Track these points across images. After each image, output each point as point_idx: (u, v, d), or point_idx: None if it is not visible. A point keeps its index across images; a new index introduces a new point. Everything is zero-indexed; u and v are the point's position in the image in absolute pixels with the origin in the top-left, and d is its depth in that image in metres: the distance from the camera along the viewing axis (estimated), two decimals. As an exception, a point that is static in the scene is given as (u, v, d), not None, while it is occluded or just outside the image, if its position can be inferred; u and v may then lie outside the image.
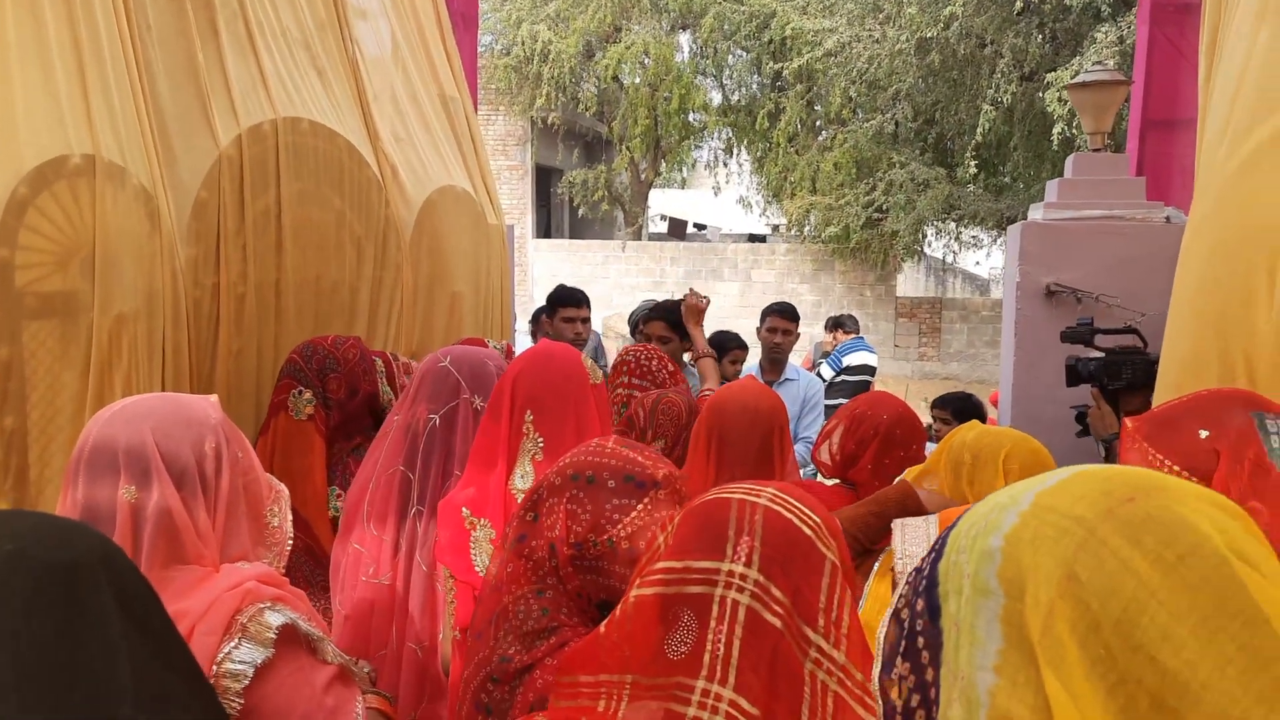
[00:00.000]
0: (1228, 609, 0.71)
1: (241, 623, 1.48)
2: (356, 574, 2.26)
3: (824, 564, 1.18)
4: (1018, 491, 0.85)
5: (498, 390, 2.23)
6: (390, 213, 3.66)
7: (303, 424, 2.63)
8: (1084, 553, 0.76)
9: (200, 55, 2.97)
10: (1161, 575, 0.73)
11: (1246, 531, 0.78)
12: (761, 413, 2.42)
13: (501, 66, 19.95)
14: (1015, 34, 13.72)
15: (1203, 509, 0.77)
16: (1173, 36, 4.48)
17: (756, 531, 1.18)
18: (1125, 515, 0.77)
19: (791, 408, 4.98)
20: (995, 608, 0.81)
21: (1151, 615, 0.72)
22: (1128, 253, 3.91)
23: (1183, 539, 0.74)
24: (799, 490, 1.27)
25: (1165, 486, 0.80)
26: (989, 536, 0.83)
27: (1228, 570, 0.72)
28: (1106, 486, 0.80)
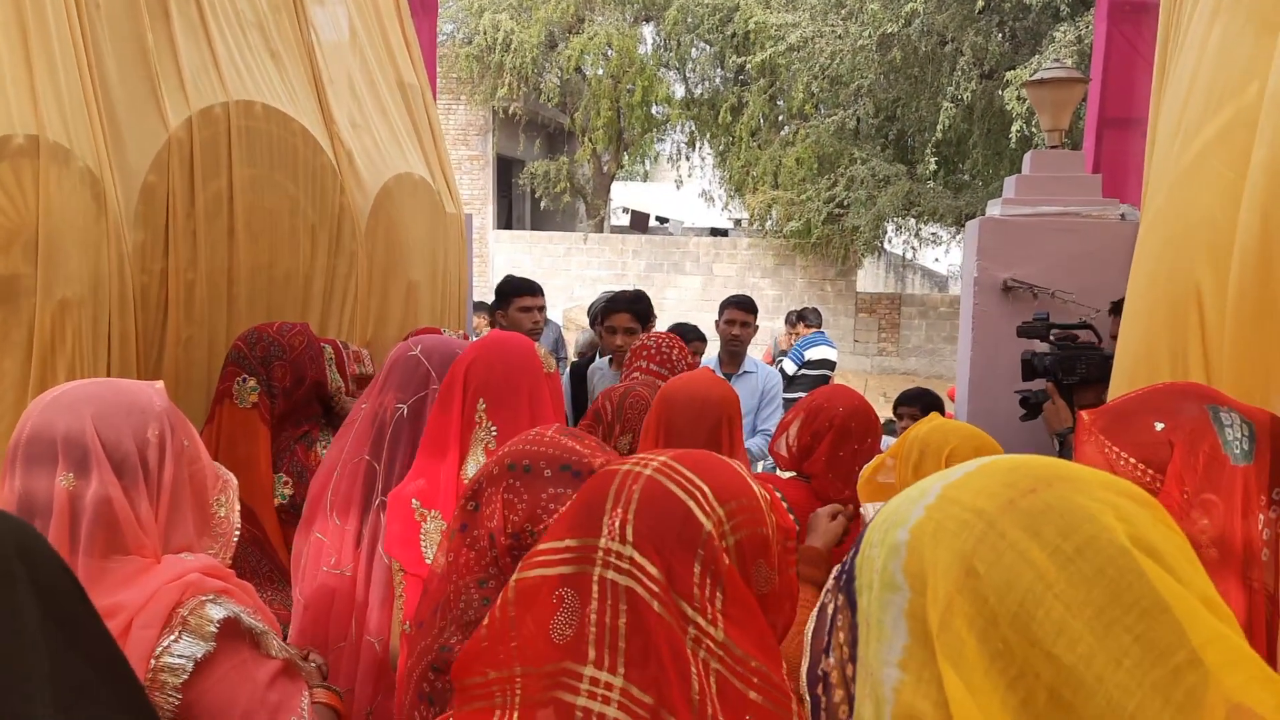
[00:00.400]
0: (1124, 600, 0.70)
1: (182, 616, 1.44)
2: (318, 563, 2.23)
3: (699, 535, 1.13)
4: (928, 484, 0.84)
5: (449, 379, 2.20)
6: (345, 200, 3.61)
7: (247, 412, 2.59)
8: (983, 546, 0.76)
9: (150, 35, 2.90)
10: (1059, 567, 0.72)
11: (1155, 520, 0.77)
12: (711, 402, 2.38)
13: (463, 55, 19.80)
14: (975, 32, 13.81)
15: (1108, 498, 0.77)
16: (1130, 35, 4.52)
17: (631, 504, 1.15)
18: (1025, 506, 0.76)
19: (750, 400, 5.00)
20: (901, 602, 0.80)
21: (1048, 608, 0.72)
22: (1083, 249, 3.95)
23: (1081, 530, 0.74)
24: (707, 456, 1.23)
25: (1069, 476, 0.79)
26: (897, 529, 0.83)
27: (1126, 561, 0.72)
28: (1010, 478, 0.79)
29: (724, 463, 1.23)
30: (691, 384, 2.46)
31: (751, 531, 1.17)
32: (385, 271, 3.88)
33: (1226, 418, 1.60)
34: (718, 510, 1.15)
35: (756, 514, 1.18)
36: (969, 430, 2.30)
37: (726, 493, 1.17)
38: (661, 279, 20.20)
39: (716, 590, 1.13)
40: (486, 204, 21.50)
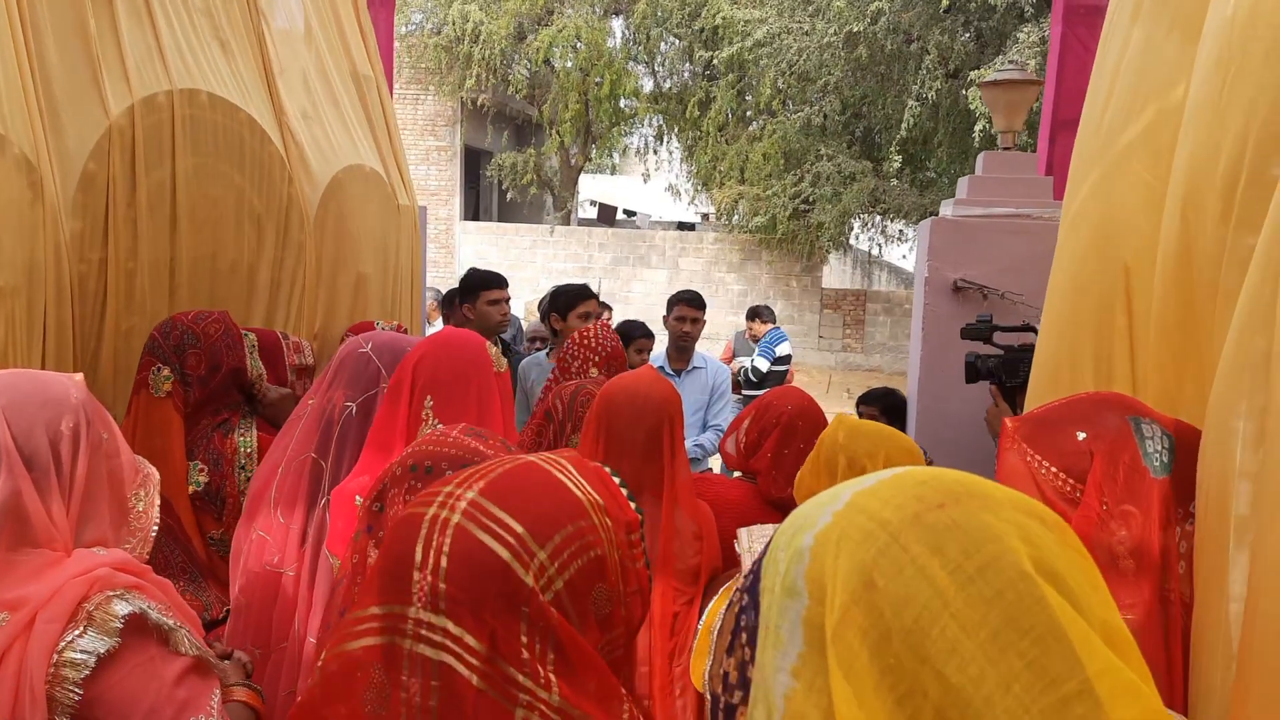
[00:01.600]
0: (1020, 625, 0.69)
1: (88, 611, 1.42)
2: (259, 560, 2.20)
3: (521, 592, 1.03)
4: (840, 490, 0.83)
5: (398, 376, 2.18)
6: (294, 191, 3.57)
7: (162, 401, 2.56)
8: (884, 559, 0.74)
9: (92, 20, 2.86)
10: (958, 586, 0.71)
11: (1062, 544, 0.76)
12: (651, 402, 2.32)
13: (432, 46, 19.70)
14: (941, 31, 13.89)
15: (1016, 519, 0.75)
16: (1084, 38, 4.54)
17: (441, 565, 1.03)
18: (931, 522, 0.75)
19: (700, 396, 5.01)
20: (799, 609, 0.79)
21: (943, 627, 0.70)
22: (1033, 251, 3.96)
23: (985, 550, 0.72)
24: (520, 480, 1.11)
25: (980, 494, 0.77)
26: (803, 534, 0.81)
27: (1026, 586, 0.71)
28: (920, 491, 0.78)
29: (540, 482, 1.11)
30: (633, 384, 2.41)
31: (582, 562, 1.08)
32: (334, 263, 3.85)
33: (1148, 429, 1.61)
34: (539, 556, 1.05)
35: (586, 536, 1.09)
36: (888, 432, 2.27)
37: (547, 527, 1.07)
38: (627, 272, 20.20)
39: (548, 649, 1.04)
40: (454, 195, 21.41)
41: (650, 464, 2.29)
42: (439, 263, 20.61)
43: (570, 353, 3.37)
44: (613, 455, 2.30)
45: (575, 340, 3.39)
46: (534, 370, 4.63)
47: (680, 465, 2.38)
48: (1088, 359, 2.09)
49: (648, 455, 2.29)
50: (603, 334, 3.39)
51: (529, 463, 1.14)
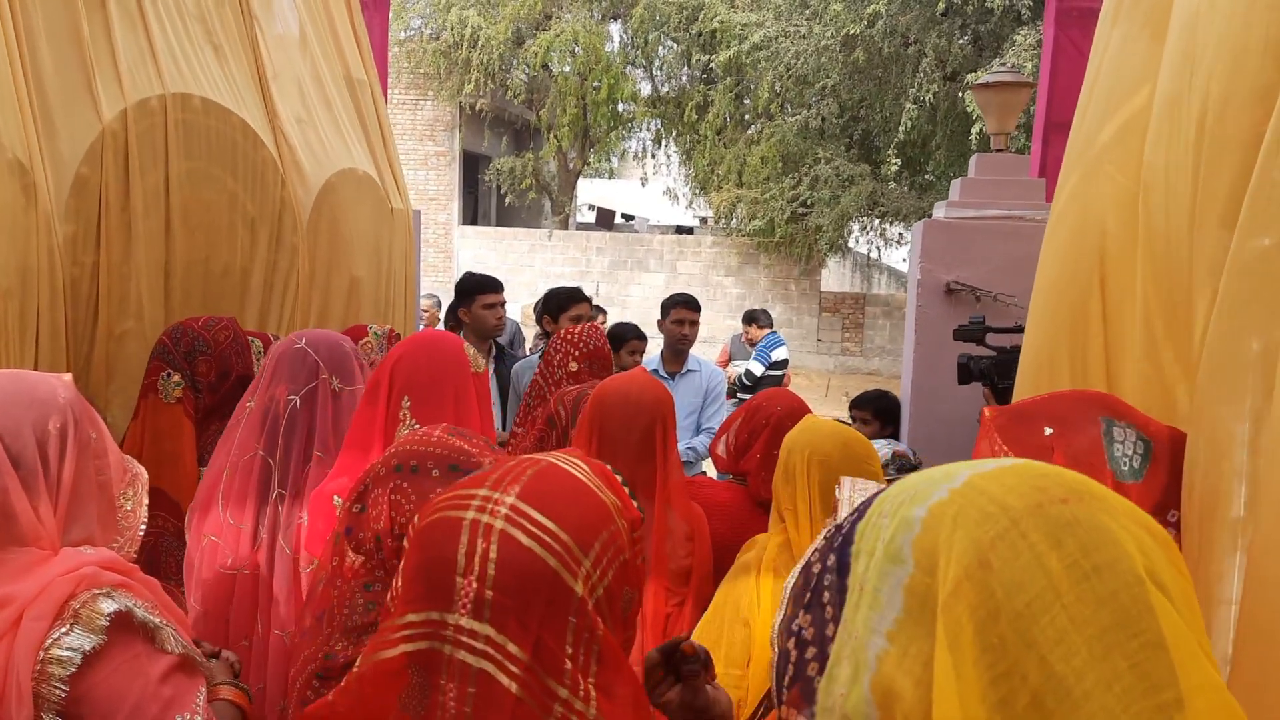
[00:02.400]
0: (1130, 628, 0.71)
1: (74, 609, 1.42)
2: (212, 565, 2.20)
3: (570, 601, 1.01)
4: (954, 469, 0.84)
5: (376, 376, 2.19)
6: (287, 194, 3.59)
7: (171, 407, 2.57)
8: (1002, 542, 0.75)
9: (85, 25, 2.88)
10: (1073, 581, 0.73)
11: (1169, 560, 0.77)
12: (644, 404, 2.33)
13: (430, 51, 19.72)
14: (938, 34, 13.90)
15: (1131, 527, 0.77)
16: (1076, 40, 4.56)
17: (488, 571, 1.00)
18: (1053, 514, 0.76)
19: (694, 399, 5.01)
20: (902, 575, 0.80)
21: (1053, 616, 0.72)
22: (1025, 252, 3.96)
23: (1103, 550, 0.74)
24: (556, 486, 1.09)
25: (1100, 496, 0.79)
26: (914, 506, 0.82)
27: (1139, 591, 0.72)
28: (1042, 483, 0.79)
29: (571, 487, 1.10)
30: (626, 385, 2.42)
31: (616, 567, 1.08)
32: (327, 266, 3.86)
33: (1120, 433, 1.62)
34: (585, 563, 1.04)
35: (618, 542, 1.09)
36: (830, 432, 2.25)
37: (588, 534, 1.06)
38: (625, 276, 20.21)
39: (591, 660, 1.03)
40: (452, 200, 21.43)
41: (643, 465, 2.30)
42: (437, 267, 20.62)
43: (554, 347, 3.38)
44: (605, 456, 2.29)
45: (560, 336, 3.40)
46: (527, 373, 4.63)
47: (673, 466, 2.39)
48: (1064, 359, 2.11)
49: (640, 456, 2.31)
50: (587, 332, 3.41)
51: (552, 464, 1.12)
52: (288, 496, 2.19)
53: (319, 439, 2.23)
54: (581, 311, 4.57)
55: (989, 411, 1.71)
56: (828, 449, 2.11)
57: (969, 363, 3.42)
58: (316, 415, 2.24)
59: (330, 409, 2.26)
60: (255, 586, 2.19)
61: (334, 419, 2.27)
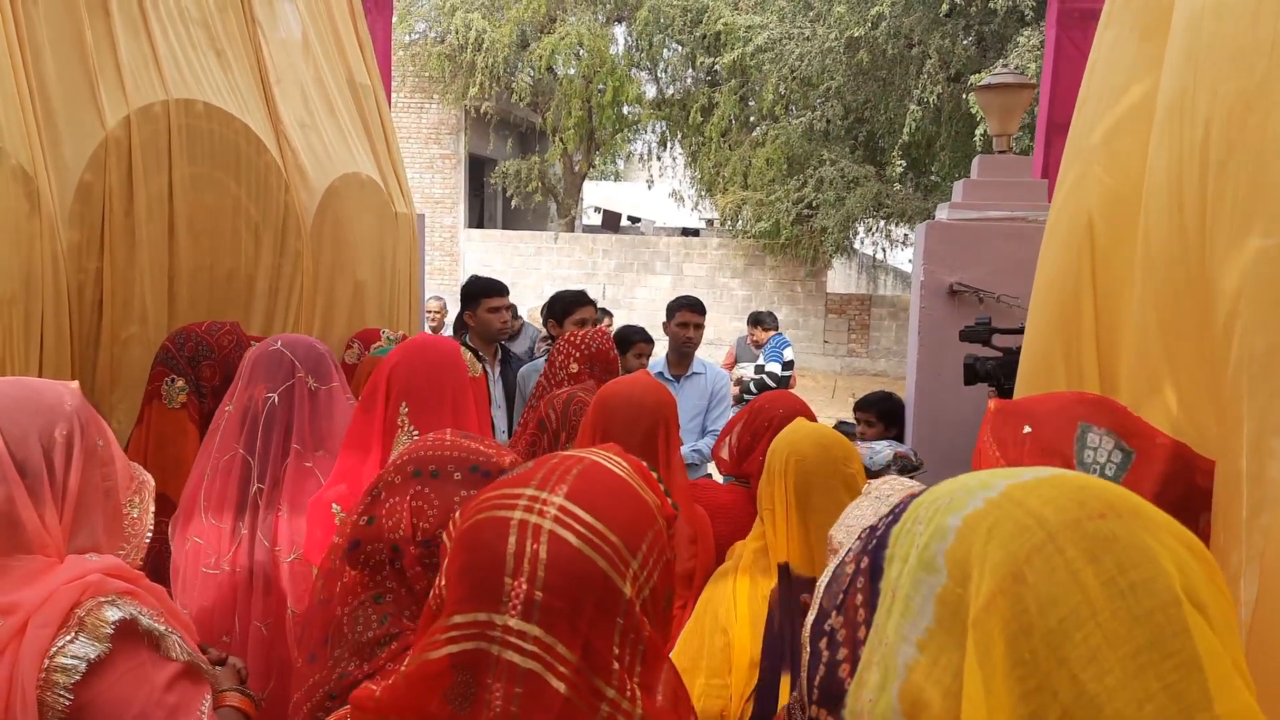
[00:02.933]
0: (1165, 648, 0.70)
1: (79, 616, 1.43)
2: (196, 568, 2.23)
3: (619, 603, 1.02)
4: (991, 477, 0.83)
5: (373, 382, 2.21)
6: (290, 199, 3.60)
7: (176, 412, 2.59)
8: (1038, 555, 0.75)
9: (88, 32, 2.89)
10: (1109, 598, 0.72)
11: (1209, 577, 0.77)
12: (646, 407, 2.35)
13: (435, 54, 19.75)
14: (942, 35, 13.89)
15: (1170, 544, 0.76)
16: (1077, 41, 4.55)
17: (538, 572, 1.00)
18: (1090, 530, 0.75)
19: (699, 401, 5.01)
20: (935, 585, 0.79)
21: (1086, 634, 0.71)
22: (1028, 253, 3.94)
23: (1141, 569, 0.73)
24: (602, 486, 1.09)
25: (1139, 512, 0.78)
26: (949, 514, 0.81)
27: (1176, 612, 0.71)
28: (1081, 496, 0.78)
29: (617, 487, 1.10)
30: (629, 388, 2.43)
31: (662, 566, 1.08)
32: (332, 271, 3.87)
33: (1095, 439, 1.62)
34: (633, 565, 1.04)
35: (661, 542, 1.09)
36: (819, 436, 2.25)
37: (635, 534, 1.06)
38: (632, 278, 20.21)
39: (636, 661, 1.03)
40: (458, 203, 21.46)
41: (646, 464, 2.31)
42: (444, 270, 20.65)
43: (558, 349, 3.39)
44: None
45: (564, 339, 3.41)
46: (533, 376, 4.64)
47: (676, 468, 2.40)
48: (1059, 358, 2.11)
49: (644, 456, 2.30)
50: (591, 335, 3.41)
51: (597, 464, 1.12)
52: (266, 489, 2.23)
53: (297, 433, 2.27)
54: (586, 315, 4.58)
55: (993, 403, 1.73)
56: (805, 449, 2.12)
57: (975, 363, 3.42)
58: (294, 411, 2.28)
59: (307, 406, 2.30)
60: (234, 583, 2.22)
61: (311, 416, 2.32)
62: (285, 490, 2.24)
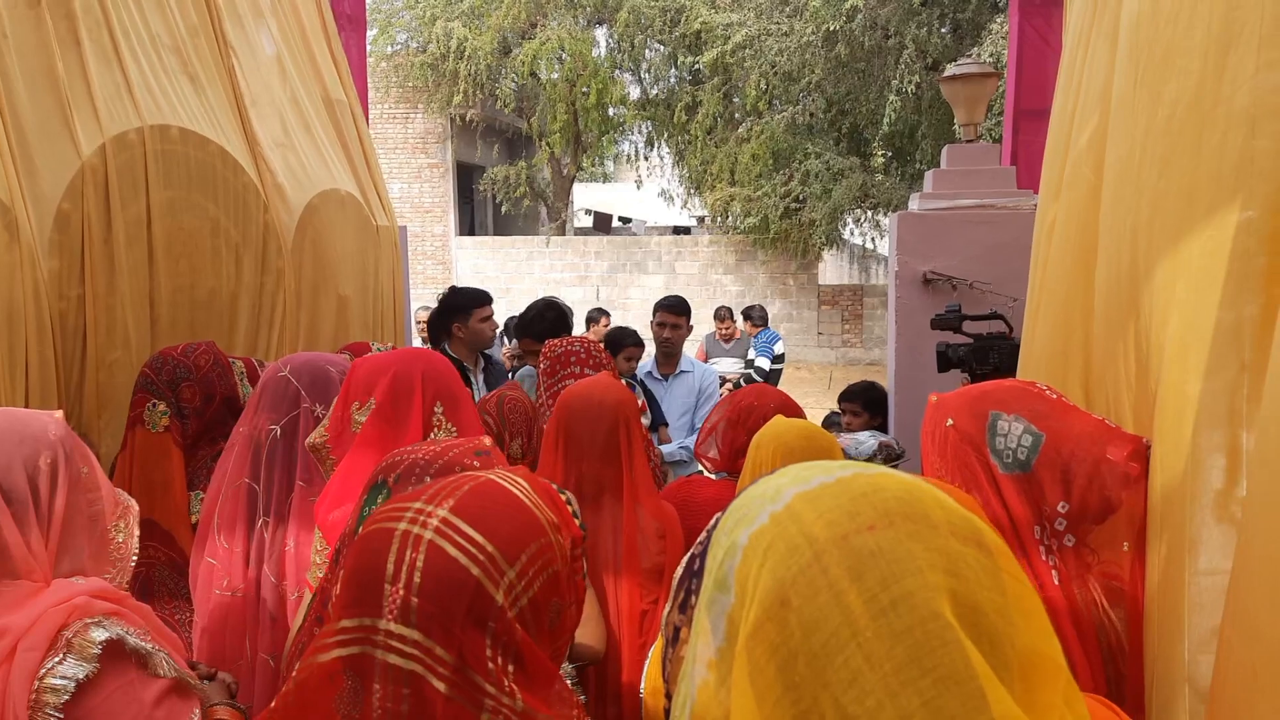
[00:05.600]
0: (923, 664, 0.69)
1: (67, 638, 1.47)
2: (210, 587, 2.27)
3: (490, 609, 1.07)
4: (784, 485, 0.82)
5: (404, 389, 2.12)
6: (270, 218, 3.65)
7: (159, 436, 2.62)
8: (803, 579, 0.74)
9: (60, 64, 2.94)
10: (870, 617, 0.71)
11: (994, 571, 0.76)
12: (606, 406, 2.41)
13: (418, 64, 19.77)
14: (918, 25, 13.96)
15: (948, 546, 0.75)
16: (1040, 29, 4.60)
17: (414, 579, 1.07)
18: (857, 545, 0.74)
19: (687, 399, 5.06)
20: (726, 604, 0.79)
21: (847, 656, 0.71)
22: (998, 240, 4.03)
23: (902, 583, 0.72)
24: (489, 499, 1.15)
25: (916, 515, 0.77)
26: (741, 529, 0.81)
27: (935, 626, 0.70)
28: (855, 507, 0.77)
29: (505, 501, 1.16)
30: (589, 390, 2.50)
31: (544, 579, 1.13)
32: (314, 287, 3.92)
33: (1004, 426, 1.69)
34: (508, 574, 1.10)
35: (548, 554, 1.14)
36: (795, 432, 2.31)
37: (515, 546, 1.12)
38: (625, 279, 20.26)
39: (509, 662, 1.08)
40: (448, 211, 21.48)
41: (609, 465, 2.38)
42: (436, 279, 20.67)
43: (557, 361, 3.42)
44: (573, 458, 2.39)
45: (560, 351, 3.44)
46: (526, 381, 4.68)
47: (639, 465, 2.45)
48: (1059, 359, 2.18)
49: (606, 456, 2.38)
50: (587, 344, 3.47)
51: (490, 480, 1.18)
52: (272, 524, 2.25)
53: (301, 467, 2.28)
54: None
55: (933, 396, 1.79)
56: (791, 442, 2.19)
57: (947, 350, 3.46)
58: (298, 444, 2.29)
59: None
60: (245, 609, 2.26)
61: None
62: (291, 526, 2.27)
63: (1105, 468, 1.63)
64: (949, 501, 0.79)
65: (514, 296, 17.94)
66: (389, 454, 1.64)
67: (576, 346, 3.48)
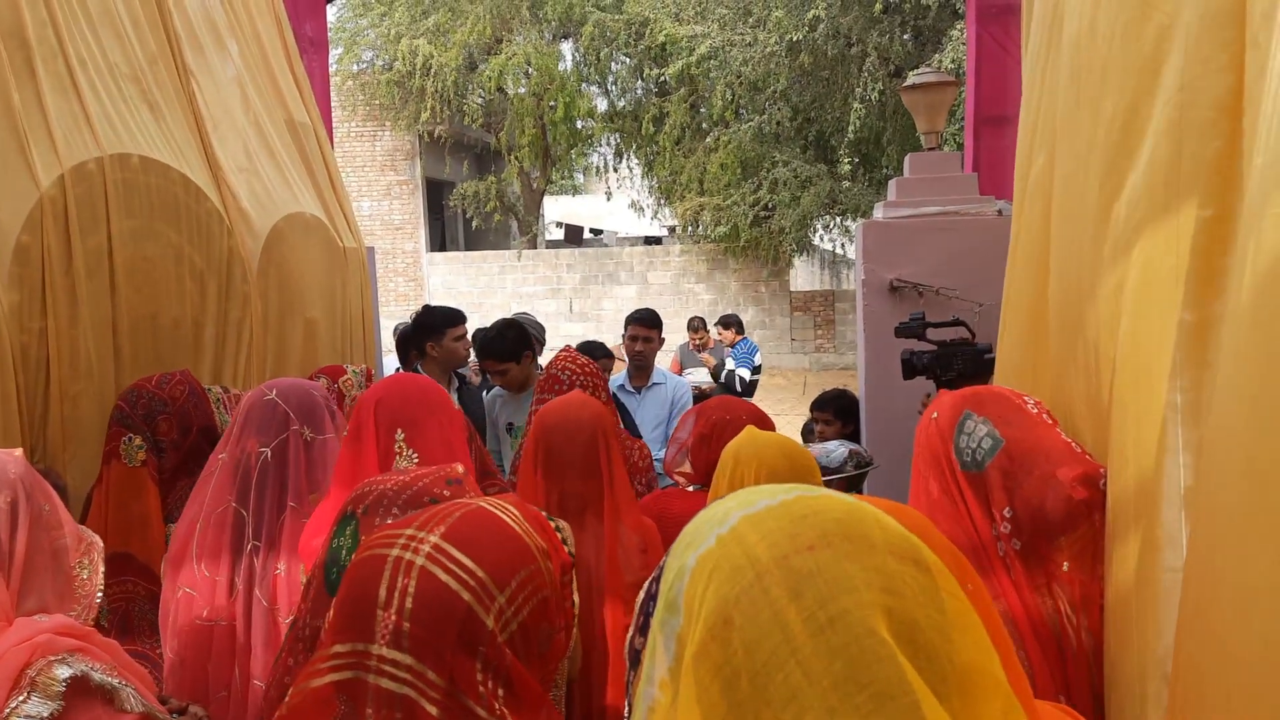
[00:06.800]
0: (860, 679, 0.71)
1: (30, 676, 1.46)
2: (189, 617, 2.23)
3: (481, 634, 1.09)
4: (731, 508, 0.84)
5: (358, 419, 2.21)
6: (234, 244, 3.63)
7: (136, 471, 2.59)
8: (745, 598, 0.76)
9: (16, 95, 2.91)
10: (809, 634, 0.73)
11: (930, 590, 0.77)
12: (583, 422, 2.40)
13: (384, 82, 19.76)
14: (879, 33, 14.06)
15: (885, 565, 0.76)
16: (997, 35, 4.65)
17: (406, 605, 1.08)
18: (796, 565, 0.76)
19: (660, 411, 5.07)
20: (675, 625, 0.80)
21: (787, 673, 0.72)
22: (962, 246, 4.07)
23: (839, 601, 0.73)
24: (480, 526, 1.17)
25: (855, 535, 0.78)
26: (690, 551, 0.82)
27: (871, 642, 0.72)
28: (797, 528, 0.78)
29: (495, 528, 1.17)
30: (565, 407, 2.49)
31: (533, 604, 1.15)
32: (281, 312, 3.90)
33: (971, 426, 1.76)
34: (499, 600, 1.11)
35: (537, 580, 1.16)
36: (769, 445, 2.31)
37: (505, 572, 1.13)
38: (597, 290, 20.27)
39: (498, 686, 1.09)
40: (418, 228, 21.45)
41: (589, 481, 2.37)
42: (409, 296, 20.63)
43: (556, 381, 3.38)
44: (553, 477, 2.37)
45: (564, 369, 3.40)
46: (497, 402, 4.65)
47: (619, 480, 2.44)
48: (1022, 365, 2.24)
49: (586, 473, 2.38)
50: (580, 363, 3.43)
51: (481, 508, 1.20)
52: (263, 548, 2.22)
53: (292, 490, 2.27)
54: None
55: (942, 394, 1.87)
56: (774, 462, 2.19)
57: (912, 358, 3.49)
58: (289, 467, 2.27)
59: (303, 460, 2.29)
60: (232, 638, 2.23)
61: (307, 469, 2.31)
62: (282, 548, 2.25)
63: (1051, 485, 1.68)
64: (890, 522, 0.81)
65: (486, 311, 17.91)
66: (361, 484, 1.64)
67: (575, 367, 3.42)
